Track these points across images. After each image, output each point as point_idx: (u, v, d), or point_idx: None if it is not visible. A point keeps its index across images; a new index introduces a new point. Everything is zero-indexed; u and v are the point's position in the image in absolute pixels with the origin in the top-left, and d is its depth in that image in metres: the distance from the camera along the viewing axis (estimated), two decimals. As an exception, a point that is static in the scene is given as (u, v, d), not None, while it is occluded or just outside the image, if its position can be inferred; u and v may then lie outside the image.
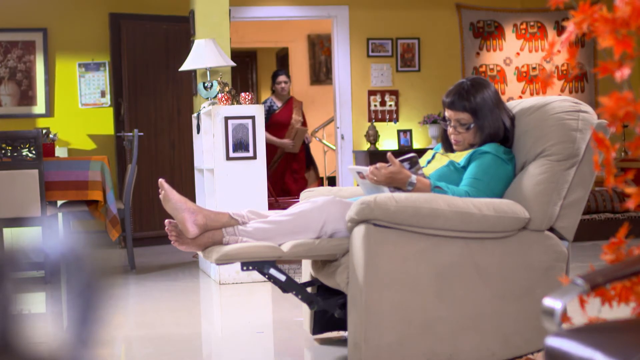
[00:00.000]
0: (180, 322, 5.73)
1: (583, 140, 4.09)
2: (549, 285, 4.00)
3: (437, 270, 3.93)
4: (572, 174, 4.09)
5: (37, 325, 5.33)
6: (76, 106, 10.30)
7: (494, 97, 4.27)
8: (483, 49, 11.17)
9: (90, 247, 0.98)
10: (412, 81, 11.07)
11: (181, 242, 4.16)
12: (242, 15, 10.75)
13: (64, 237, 0.99)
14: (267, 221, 4.17)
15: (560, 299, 2.16)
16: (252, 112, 7.06)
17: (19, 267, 0.94)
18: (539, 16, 11.27)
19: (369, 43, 10.95)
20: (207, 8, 8.33)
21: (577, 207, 4.12)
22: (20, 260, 0.92)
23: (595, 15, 2.30)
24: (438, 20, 11.10)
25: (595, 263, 2.80)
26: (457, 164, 4.25)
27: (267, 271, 4.13)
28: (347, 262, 4.02)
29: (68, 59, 10.30)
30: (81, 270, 0.92)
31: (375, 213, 3.83)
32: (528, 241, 4.03)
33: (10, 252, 0.93)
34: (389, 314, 3.88)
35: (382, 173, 4.08)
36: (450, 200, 3.93)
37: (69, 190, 7.46)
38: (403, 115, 11.04)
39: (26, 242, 0.99)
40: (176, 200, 4.12)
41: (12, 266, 0.91)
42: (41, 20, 10.23)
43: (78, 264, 0.92)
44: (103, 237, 9.29)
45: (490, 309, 3.99)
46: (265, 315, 5.98)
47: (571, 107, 4.15)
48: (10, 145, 7.17)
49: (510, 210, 3.97)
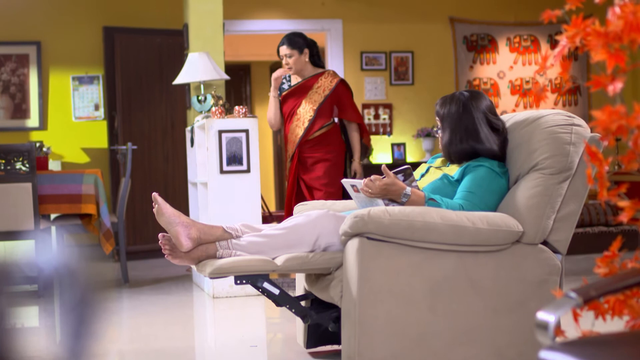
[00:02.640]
0: (174, 335, 5.72)
1: (576, 153, 4.10)
2: (542, 299, 4.00)
3: (431, 283, 3.93)
4: (566, 187, 4.09)
5: (30, 339, 5.32)
6: (70, 119, 10.30)
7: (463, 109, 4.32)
8: (477, 63, 11.19)
9: (83, 261, 0.98)
10: (406, 94, 11.08)
11: (175, 256, 4.16)
12: (236, 29, 10.76)
13: (58, 251, 0.99)
14: (260, 235, 4.17)
15: (553, 312, 2.17)
16: (245, 125, 7.06)
17: (13, 281, 0.94)
18: (532, 30, 11.30)
19: (362, 56, 10.97)
20: (201, 21, 8.34)
21: (570, 220, 4.12)
22: (14, 274, 0.92)
23: (588, 29, 2.31)
24: (432, 33, 11.12)
25: (589, 276, 2.81)
26: (451, 177, 4.26)
27: (260, 285, 4.13)
28: (340, 275, 4.02)
29: (62, 72, 10.29)
30: (75, 284, 0.92)
31: (369, 226, 3.83)
32: (521, 255, 4.04)
33: (4, 266, 0.93)
34: (382, 328, 3.88)
35: (377, 185, 4.08)
36: (444, 213, 3.93)
37: (63, 204, 7.45)
38: (397, 129, 11.05)
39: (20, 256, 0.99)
40: (170, 214, 4.12)
41: (5, 280, 0.91)
42: (35, 34, 10.23)
43: (72, 278, 0.92)
44: (96, 250, 9.28)
45: (484, 323, 3.99)
46: (259, 329, 5.97)
47: (564, 121, 4.16)
48: (4, 159, 7.16)
49: (503, 223, 3.97)
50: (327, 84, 7.29)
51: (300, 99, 7.29)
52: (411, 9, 11.05)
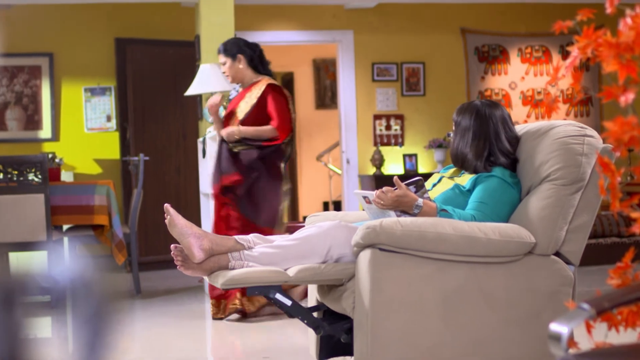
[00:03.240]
0: (186, 346, 5.72)
1: (588, 164, 4.09)
2: (555, 310, 3.99)
3: (443, 294, 3.92)
4: (578, 198, 4.08)
5: (43, 349, 5.32)
6: (82, 131, 10.33)
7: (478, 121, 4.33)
8: (488, 73, 11.19)
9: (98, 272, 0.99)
10: (418, 105, 11.08)
11: (187, 267, 4.16)
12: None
13: (73, 262, 0.99)
14: (272, 246, 4.17)
15: (566, 324, 2.16)
16: (257, 136, 7.05)
17: (28, 292, 0.95)
18: (543, 40, 11.29)
19: (374, 67, 10.98)
20: (213, 33, 8.37)
21: (583, 231, 4.11)
22: (30, 285, 0.93)
23: (599, 40, 2.31)
24: (443, 44, 11.12)
25: (602, 288, 2.81)
26: (463, 187, 4.26)
27: (272, 296, 4.13)
28: (353, 286, 4.01)
29: (74, 83, 10.33)
30: (90, 296, 0.92)
31: (381, 237, 3.83)
32: (534, 266, 4.03)
33: (20, 277, 0.93)
34: (394, 339, 3.87)
35: (389, 197, 4.08)
36: (456, 224, 3.93)
37: (75, 215, 7.47)
38: (408, 140, 11.05)
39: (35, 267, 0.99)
40: (182, 225, 4.12)
41: (21, 291, 0.92)
42: (47, 45, 10.27)
43: (87, 289, 0.93)
44: (109, 261, 9.29)
45: (496, 334, 3.98)
46: (271, 340, 5.97)
47: (576, 132, 4.15)
48: (17, 170, 7.19)
49: (516, 234, 3.96)
50: (257, 92, 6.61)
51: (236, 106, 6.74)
52: (422, 20, 11.06)
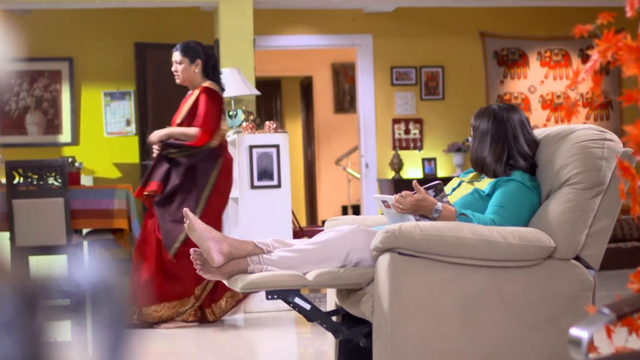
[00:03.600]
0: (205, 350, 5.73)
1: (608, 168, 4.08)
2: (575, 315, 3.97)
3: (462, 299, 3.92)
4: (598, 202, 4.07)
5: (63, 353, 5.33)
6: (101, 135, 10.36)
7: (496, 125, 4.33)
8: (507, 77, 11.16)
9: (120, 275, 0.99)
10: (436, 109, 11.07)
11: (206, 271, 4.17)
12: (267, 44, 10.80)
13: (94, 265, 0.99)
14: (292, 250, 4.17)
15: (586, 328, 2.15)
16: (276, 140, 7.08)
17: (51, 296, 0.95)
18: (563, 44, 11.27)
19: (392, 71, 10.97)
20: (232, 37, 8.39)
21: (603, 235, 4.10)
22: (52, 288, 0.93)
23: (619, 43, 2.30)
24: (462, 48, 11.11)
25: (622, 292, 2.79)
26: (482, 192, 4.25)
27: (292, 300, 4.13)
28: (372, 291, 4.01)
29: (93, 88, 10.37)
30: (111, 299, 0.93)
31: (400, 242, 3.83)
32: (554, 270, 4.02)
33: (43, 281, 0.94)
34: (414, 343, 3.87)
35: (408, 201, 4.08)
36: (475, 228, 3.93)
37: (94, 219, 7.49)
38: (427, 144, 11.04)
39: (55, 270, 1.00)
40: (201, 229, 4.13)
41: (44, 295, 0.92)
42: (67, 50, 10.31)
43: (108, 293, 0.93)
44: (128, 265, 9.31)
45: (516, 339, 3.97)
46: (290, 344, 5.97)
47: (596, 135, 4.14)
48: (37, 174, 7.22)
49: (535, 238, 3.95)
50: (195, 94, 6.65)
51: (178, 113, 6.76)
52: (441, 24, 11.05)
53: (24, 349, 0.91)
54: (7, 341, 0.91)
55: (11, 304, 0.92)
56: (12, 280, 0.97)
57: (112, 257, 10.05)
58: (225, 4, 8.58)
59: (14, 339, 0.91)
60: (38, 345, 0.91)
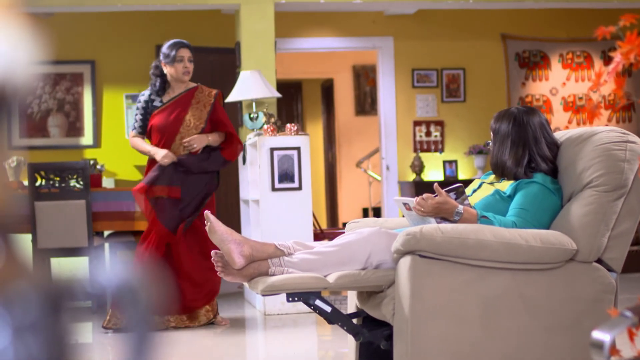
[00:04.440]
0: (226, 352, 5.74)
1: (631, 170, 4.06)
2: (597, 318, 3.96)
3: (484, 301, 3.91)
4: (620, 204, 4.06)
5: (87, 355, 5.36)
6: (123, 137, 10.40)
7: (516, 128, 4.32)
8: (529, 79, 11.13)
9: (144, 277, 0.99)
10: (458, 111, 11.05)
11: (227, 273, 4.17)
12: (288, 47, 10.81)
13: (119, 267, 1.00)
14: (312, 252, 4.17)
15: (609, 331, 2.15)
16: (297, 143, 7.09)
17: (75, 298, 0.96)
18: (585, 46, 11.23)
19: (414, 74, 10.96)
20: (253, 40, 8.40)
21: (625, 238, 4.08)
22: (76, 290, 0.94)
23: (642, 45, 2.29)
24: (483, 50, 11.09)
25: (644, 295, 2.78)
26: (503, 193, 4.24)
27: (312, 302, 4.13)
28: (393, 293, 4.01)
29: (115, 90, 10.40)
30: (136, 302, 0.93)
31: (421, 244, 3.82)
32: (575, 273, 4.00)
33: (67, 282, 0.94)
34: (435, 346, 3.86)
35: (429, 203, 4.07)
36: (497, 231, 3.92)
37: (116, 221, 7.52)
38: (448, 146, 11.02)
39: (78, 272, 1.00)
40: (222, 231, 4.14)
41: (68, 296, 0.92)
42: (89, 53, 10.35)
43: (133, 295, 0.93)
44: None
45: (537, 341, 3.96)
46: (310, 346, 5.97)
47: (618, 138, 4.12)
48: (59, 176, 7.25)
49: (557, 241, 3.94)
50: (206, 99, 6.73)
51: (183, 114, 6.65)
52: (462, 26, 11.03)
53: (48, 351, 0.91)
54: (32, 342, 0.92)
55: (35, 306, 0.93)
56: (36, 281, 0.97)
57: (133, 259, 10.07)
58: (246, 7, 8.60)
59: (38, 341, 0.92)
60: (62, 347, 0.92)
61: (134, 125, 6.75)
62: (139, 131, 6.74)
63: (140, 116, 6.72)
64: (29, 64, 1.04)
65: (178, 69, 6.60)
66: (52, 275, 7.65)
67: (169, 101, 6.66)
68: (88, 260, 7.64)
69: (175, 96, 6.68)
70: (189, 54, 6.67)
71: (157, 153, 6.56)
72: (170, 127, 6.63)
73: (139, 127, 6.73)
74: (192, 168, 6.54)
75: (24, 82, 1.04)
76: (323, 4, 9.31)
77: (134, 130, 6.76)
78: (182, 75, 6.60)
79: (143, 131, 6.73)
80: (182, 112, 6.64)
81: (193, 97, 6.70)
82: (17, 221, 4.97)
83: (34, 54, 1.06)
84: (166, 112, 6.64)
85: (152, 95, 6.68)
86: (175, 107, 6.66)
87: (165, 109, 6.65)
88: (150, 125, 6.67)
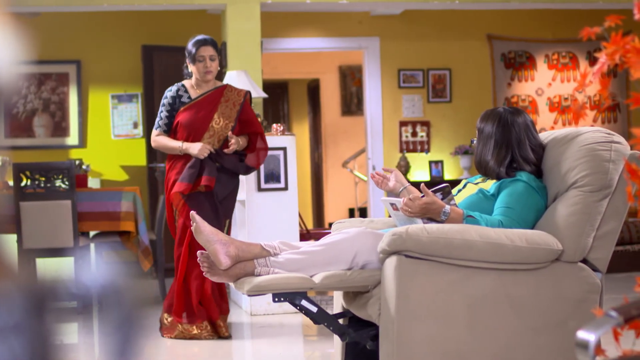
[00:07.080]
0: (212, 353, 5.73)
1: (616, 171, 4.07)
2: (582, 318, 3.97)
3: (470, 301, 3.91)
4: (605, 205, 4.07)
5: (72, 356, 5.35)
6: (109, 137, 10.38)
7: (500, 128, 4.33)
8: (514, 80, 11.16)
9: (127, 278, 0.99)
10: (444, 112, 11.07)
11: (213, 273, 4.17)
12: (274, 47, 10.81)
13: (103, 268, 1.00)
14: (298, 252, 4.17)
15: (594, 331, 2.15)
16: (283, 143, 7.09)
17: (59, 298, 0.95)
18: (570, 46, 11.25)
19: (400, 74, 10.97)
20: (239, 40, 8.40)
21: (610, 238, 4.09)
22: (61, 291, 0.93)
23: (627, 46, 2.30)
24: (469, 51, 11.11)
25: (629, 295, 2.79)
26: (487, 192, 4.25)
27: (298, 302, 4.13)
28: (378, 293, 4.01)
29: (101, 90, 10.38)
30: (120, 302, 0.93)
31: (407, 244, 3.83)
32: (561, 273, 4.01)
33: (51, 283, 0.94)
34: (421, 346, 3.87)
35: (417, 204, 4.08)
36: (483, 231, 3.92)
37: (102, 221, 7.50)
38: (434, 146, 11.04)
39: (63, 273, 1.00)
40: (208, 232, 4.13)
41: (52, 297, 0.92)
42: (75, 53, 10.33)
43: (117, 296, 0.93)
44: (135, 267, 9.32)
45: (523, 341, 3.97)
46: (296, 346, 5.97)
47: (604, 138, 4.13)
48: (44, 176, 7.23)
49: (542, 241, 3.95)
50: (235, 99, 6.46)
51: (212, 112, 6.40)
52: (448, 27, 11.05)
53: (32, 351, 0.91)
54: (16, 343, 0.91)
55: (19, 306, 0.93)
56: (20, 282, 0.97)
57: (119, 259, 10.06)
58: (232, 7, 8.59)
59: (22, 341, 0.91)
60: (46, 348, 0.91)
61: (158, 123, 6.42)
62: (164, 129, 6.40)
63: (167, 113, 6.41)
64: (14, 63, 1.04)
65: (199, 68, 6.37)
66: (37, 275, 7.62)
67: (197, 98, 6.40)
68: (73, 261, 7.62)
69: (204, 93, 6.42)
70: (210, 52, 6.40)
71: (190, 147, 6.24)
72: (198, 125, 6.36)
73: (164, 124, 6.41)
74: (228, 164, 6.28)
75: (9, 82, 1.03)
76: (309, 4, 9.32)
77: (158, 129, 6.41)
78: (204, 75, 6.37)
79: (168, 129, 6.39)
80: (211, 110, 6.39)
81: (222, 95, 6.44)
82: (2, 221, 4.92)
83: (19, 54, 1.05)
84: (194, 110, 6.38)
85: (179, 91, 6.45)
86: (203, 105, 6.40)
87: (193, 106, 6.39)
88: (176, 122, 6.40)
